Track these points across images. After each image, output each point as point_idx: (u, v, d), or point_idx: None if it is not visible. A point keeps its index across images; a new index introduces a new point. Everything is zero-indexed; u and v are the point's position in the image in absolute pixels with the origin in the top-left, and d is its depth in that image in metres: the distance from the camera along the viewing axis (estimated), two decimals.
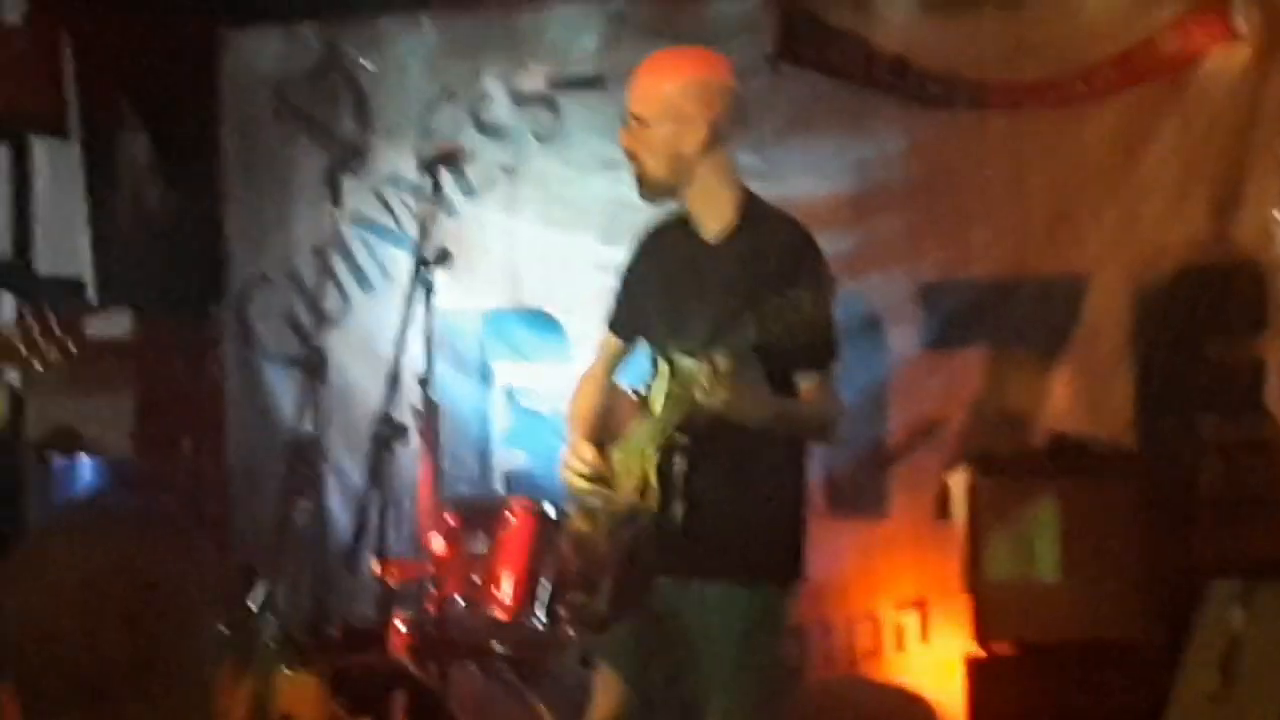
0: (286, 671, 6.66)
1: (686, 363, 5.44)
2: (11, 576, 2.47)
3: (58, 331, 5.61)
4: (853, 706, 8.07)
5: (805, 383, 5.59)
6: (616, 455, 5.70)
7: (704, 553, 5.55)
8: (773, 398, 5.50)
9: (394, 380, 6.41)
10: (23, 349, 5.58)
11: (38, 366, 5.60)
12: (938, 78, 8.18)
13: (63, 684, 2.41)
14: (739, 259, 5.59)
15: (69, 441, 8.53)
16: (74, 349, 5.61)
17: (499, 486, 8.81)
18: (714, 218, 5.71)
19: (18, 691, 2.43)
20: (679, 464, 5.52)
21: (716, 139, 5.63)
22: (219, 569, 2.59)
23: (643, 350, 5.92)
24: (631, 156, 5.71)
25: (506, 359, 9.01)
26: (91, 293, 9.19)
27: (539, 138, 8.90)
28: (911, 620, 8.12)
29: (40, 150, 9.04)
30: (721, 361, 5.29)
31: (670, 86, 5.64)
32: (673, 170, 5.65)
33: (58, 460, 8.39)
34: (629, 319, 5.97)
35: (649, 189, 5.75)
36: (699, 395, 5.39)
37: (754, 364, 5.39)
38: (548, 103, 8.87)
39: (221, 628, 2.51)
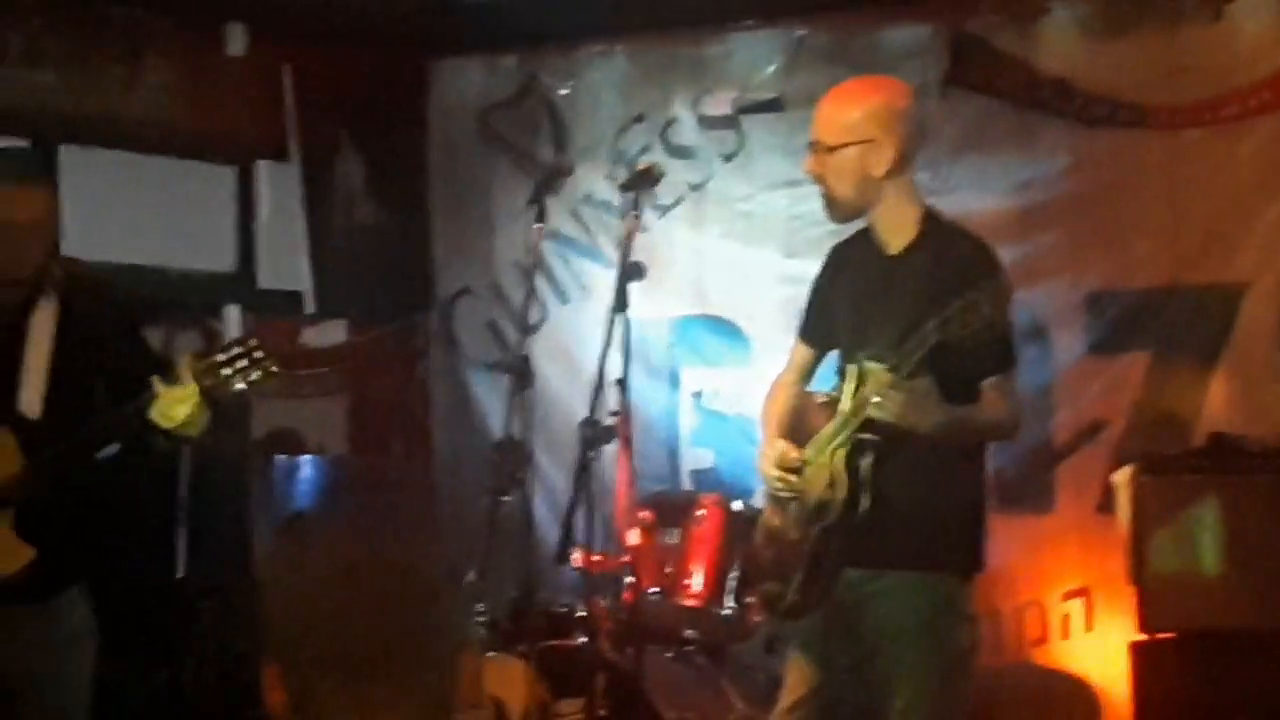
0: (494, 656, 6.74)
1: (872, 368, 5.47)
2: (274, 568, 2.54)
3: (262, 355, 5.62)
4: (1021, 691, 8.05)
5: (987, 387, 5.60)
6: (807, 453, 5.72)
7: (889, 544, 5.56)
8: (944, 408, 5.49)
9: (599, 385, 6.44)
10: (232, 373, 5.61)
11: (241, 385, 5.63)
12: (1099, 99, 8.16)
13: (320, 663, 2.47)
14: (921, 270, 5.60)
15: (290, 442, 8.65)
16: (275, 368, 5.65)
17: (687, 484, 8.84)
18: (897, 233, 5.72)
19: (280, 670, 2.49)
20: (866, 461, 5.53)
21: (901, 161, 5.64)
22: (455, 561, 2.65)
23: (832, 356, 5.94)
24: (819, 180, 5.71)
25: (693, 364, 9.05)
26: (309, 304, 9.30)
27: (724, 158, 8.93)
28: (1077, 609, 8.10)
29: (263, 173, 9.16)
30: (893, 378, 5.34)
31: (856, 113, 5.64)
32: (860, 192, 5.66)
33: (280, 459, 8.50)
34: (819, 328, 6.00)
35: (837, 211, 5.76)
36: (873, 411, 5.43)
37: (927, 376, 5.41)
38: (732, 125, 8.89)
39: (459, 614, 2.58)
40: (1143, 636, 7.33)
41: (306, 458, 8.61)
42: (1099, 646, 7.95)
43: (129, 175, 6.36)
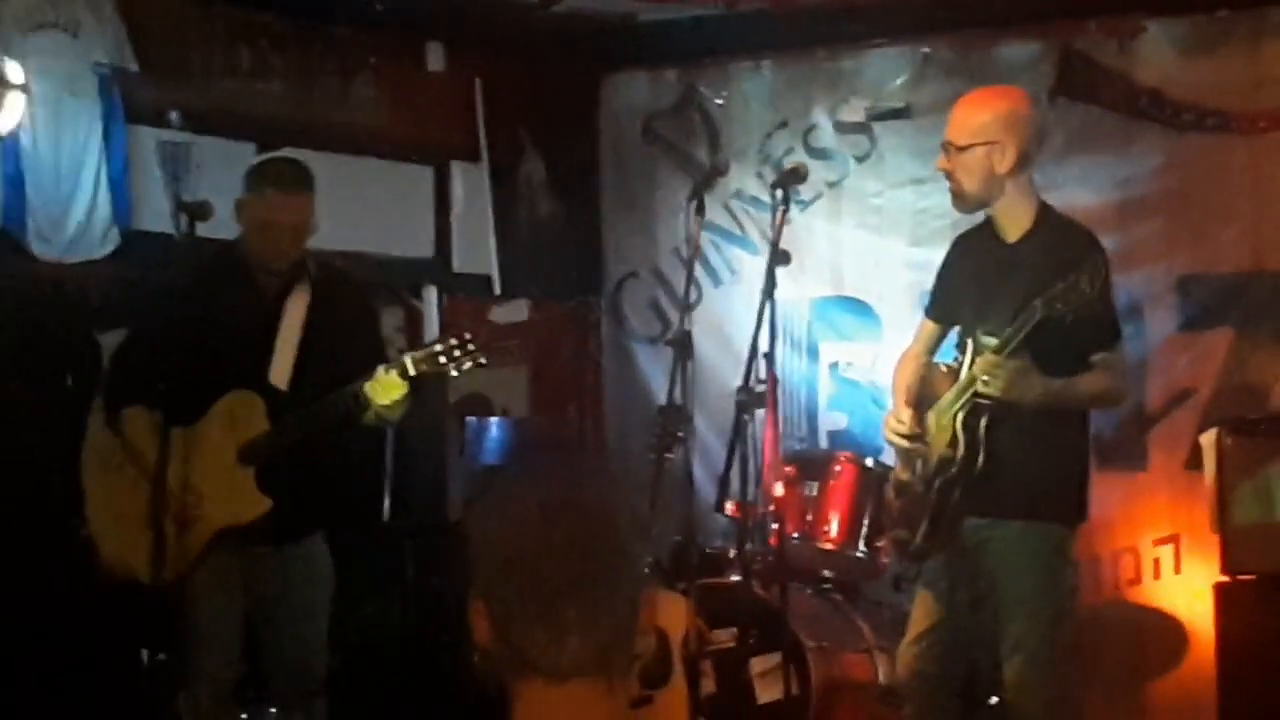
0: (658, 591, 6.76)
1: (984, 343, 5.48)
2: (481, 514, 2.56)
3: (474, 347, 5.76)
4: (1118, 626, 8.02)
5: (1097, 361, 5.60)
6: (931, 417, 5.74)
7: (1004, 496, 5.58)
8: (1044, 381, 5.51)
9: (752, 359, 6.46)
10: (447, 362, 5.75)
11: (454, 373, 5.78)
12: (1189, 107, 8.09)
13: (521, 597, 2.50)
14: (1035, 256, 5.61)
15: (480, 406, 8.70)
16: (484, 359, 5.79)
17: (825, 443, 8.83)
18: (1015, 224, 5.73)
19: (485, 603, 2.52)
20: (981, 423, 5.55)
21: (1021, 160, 5.65)
22: (641, 508, 2.67)
23: (953, 331, 5.94)
24: (949, 177, 5.75)
25: (830, 339, 9.02)
26: (496, 286, 9.34)
27: (857, 159, 8.90)
28: (1166, 554, 8.06)
29: (456, 172, 9.21)
30: (998, 357, 5.35)
31: (984, 118, 5.67)
32: (986, 187, 5.68)
33: (471, 421, 8.55)
34: (943, 307, 6.01)
35: (964, 203, 5.79)
36: (979, 386, 5.45)
37: (1027, 354, 5.40)
38: (865, 130, 8.86)
39: (645, 555, 2.60)
40: (1225, 578, 7.27)
41: (494, 419, 8.66)
42: (1186, 587, 7.90)
43: (342, 174, 6.44)
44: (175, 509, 5.83)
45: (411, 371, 5.77)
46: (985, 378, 5.46)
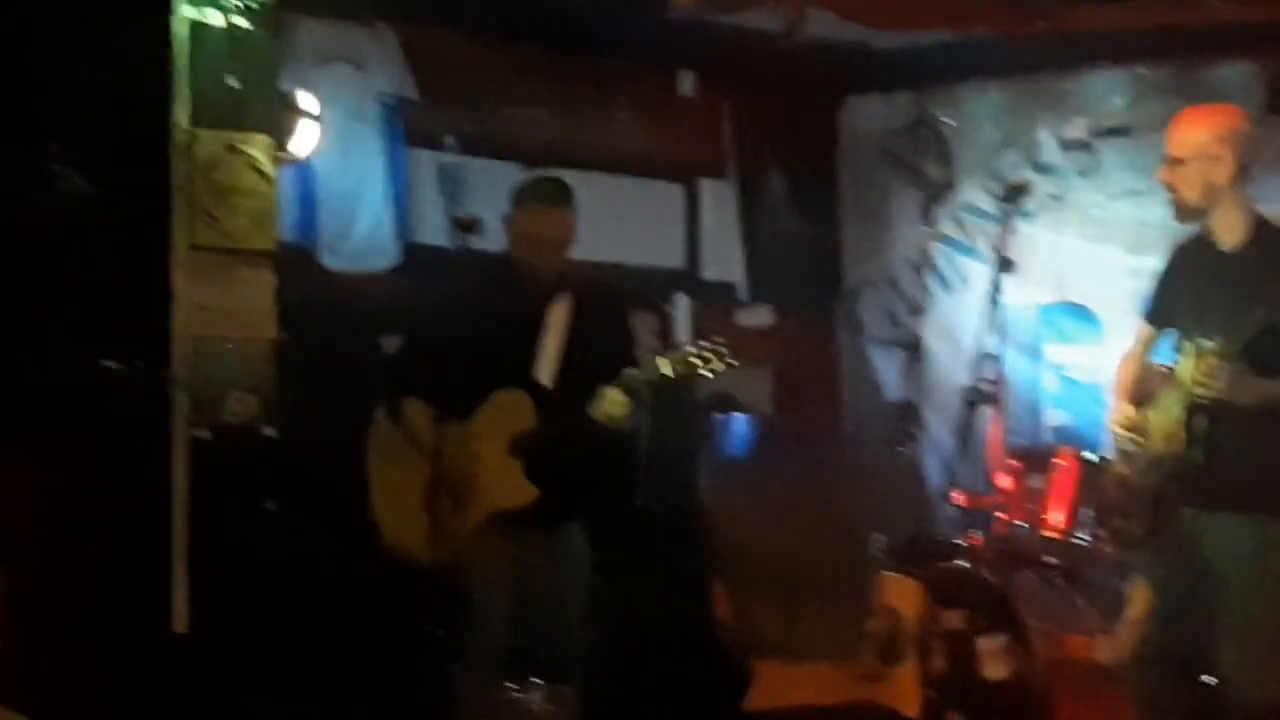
0: (893, 575, 6.72)
1: (1206, 345, 5.39)
2: (719, 504, 2.58)
3: (725, 351, 5.82)
4: None
5: None
6: (1151, 414, 5.68)
7: (1221, 490, 5.51)
8: (1260, 384, 5.41)
9: (978, 360, 6.41)
10: (700, 365, 5.82)
11: (708, 375, 5.85)
12: None
13: (760, 581, 2.50)
14: (1252, 264, 5.54)
15: (727, 404, 8.70)
16: (733, 361, 5.85)
17: (1049, 439, 8.72)
18: (1231, 233, 5.65)
19: (727, 586, 2.53)
20: (1200, 420, 5.47)
21: (1239, 173, 5.57)
22: (863, 500, 2.66)
23: (1171, 335, 5.85)
24: (1170, 189, 5.68)
25: (1054, 342, 8.93)
26: (742, 293, 9.38)
27: (1080, 174, 8.79)
28: None
29: (706, 189, 9.28)
30: (1217, 360, 5.26)
31: (1204, 133, 5.61)
32: (1205, 198, 5.62)
33: (718, 417, 8.56)
34: (1162, 312, 5.93)
35: (1183, 213, 5.72)
36: (1198, 388, 5.38)
37: (1245, 359, 5.32)
38: (1086, 147, 8.75)
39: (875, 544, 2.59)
40: None
41: (740, 415, 8.66)
42: None
43: (601, 192, 6.51)
44: (451, 495, 6.00)
45: (666, 372, 5.85)
46: (1206, 379, 5.38)
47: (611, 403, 5.88)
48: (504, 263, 6.24)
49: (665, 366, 5.88)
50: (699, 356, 5.87)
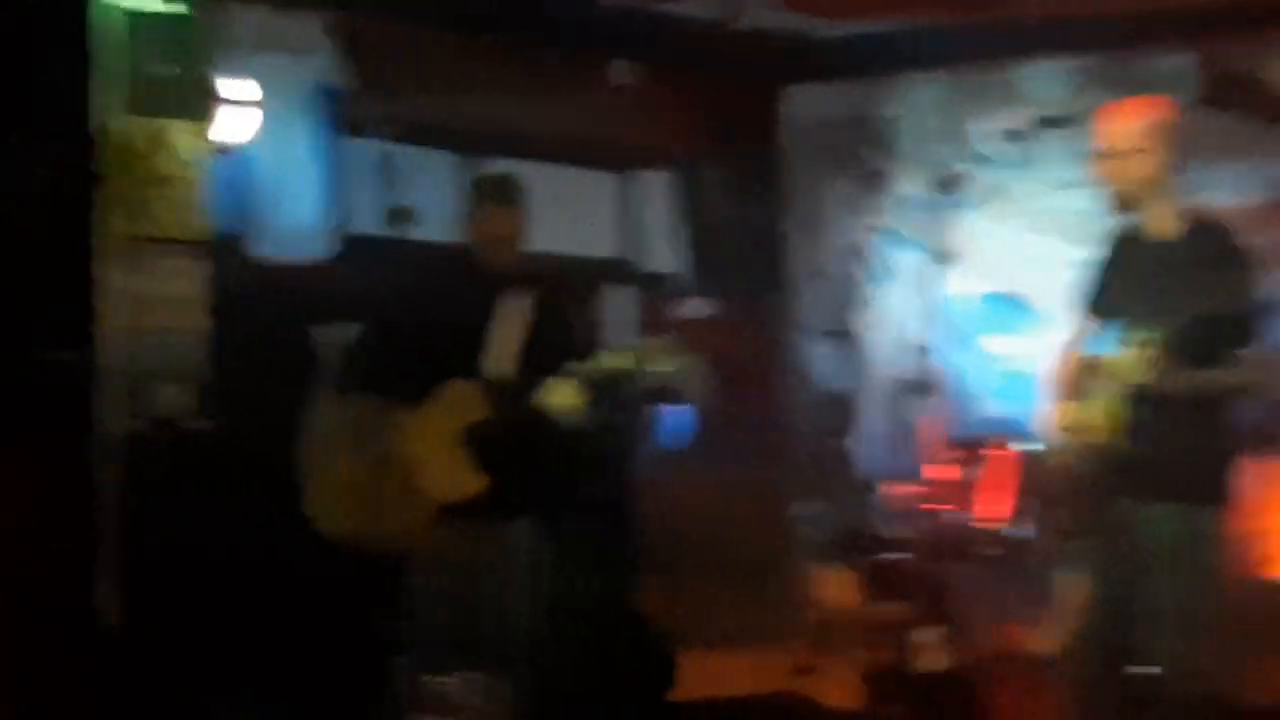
0: (829, 567, 6.73)
1: (1140, 336, 5.42)
2: (651, 495, 2.54)
3: (675, 346, 5.85)
4: (1265, 601, 7.87)
5: (1241, 355, 5.52)
6: (1086, 405, 5.69)
7: (1156, 480, 5.53)
8: (1194, 374, 5.44)
9: (913, 350, 6.41)
10: (650, 360, 5.86)
11: (658, 370, 5.88)
12: None
13: (688, 570, 2.47)
14: (1185, 255, 5.57)
15: (665, 395, 8.67)
16: (683, 357, 5.88)
17: (986, 429, 8.74)
18: (1165, 224, 5.68)
19: (656, 576, 2.50)
20: (1136, 411, 5.49)
21: (1170, 165, 5.58)
22: (794, 491, 2.64)
23: (1109, 327, 5.86)
24: (1104, 182, 5.68)
25: (993, 332, 8.95)
26: (682, 284, 9.36)
27: (1019, 165, 8.82)
28: None
29: (645, 179, 9.29)
30: (1148, 351, 5.28)
31: (1134, 126, 5.62)
32: (1137, 191, 5.64)
33: (659, 409, 8.54)
34: (1098, 304, 5.95)
35: (1118, 206, 5.75)
36: (1135, 376, 5.40)
37: (1179, 349, 5.34)
38: (1026, 138, 8.77)
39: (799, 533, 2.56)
40: None
41: (678, 407, 8.64)
42: None
43: (538, 181, 6.45)
44: (400, 485, 5.98)
45: (617, 366, 5.87)
46: (1139, 370, 5.41)
47: (563, 395, 5.88)
48: (457, 255, 6.27)
49: (616, 360, 5.91)
50: (649, 351, 5.89)
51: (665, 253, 9.35)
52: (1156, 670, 5.75)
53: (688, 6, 8.20)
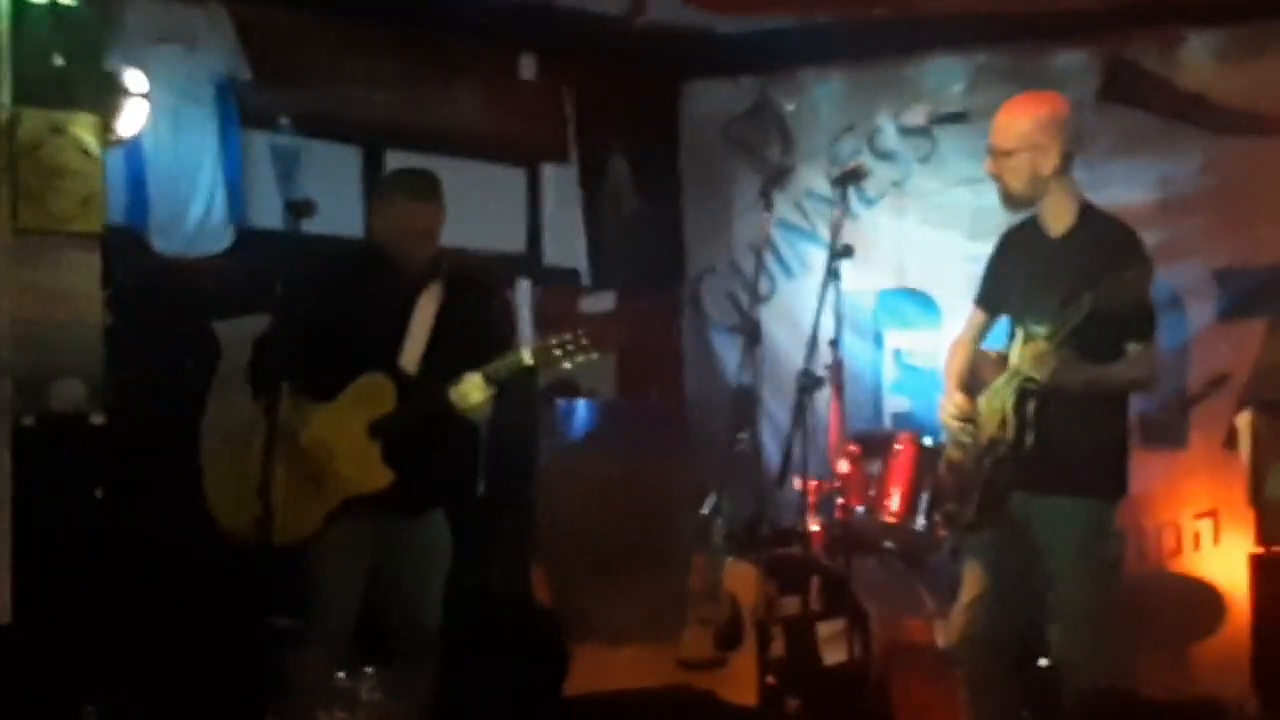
0: (731, 561, 6.74)
1: (1034, 332, 5.47)
2: (545, 488, 2.54)
3: (587, 343, 5.93)
4: (1160, 594, 7.96)
5: (1131, 349, 5.57)
6: (981, 400, 5.76)
7: (1049, 473, 5.60)
8: (1086, 369, 5.53)
9: (813, 344, 6.44)
10: (561, 356, 5.93)
11: (568, 366, 5.88)
12: (1229, 111, 8.01)
13: (580, 562, 2.48)
14: (1079, 251, 5.63)
15: (568, 389, 8.67)
16: (594, 353, 5.87)
17: (888, 424, 8.79)
18: (1059, 220, 5.74)
19: (548, 568, 2.50)
20: (1029, 405, 5.54)
21: (1064, 161, 5.64)
22: (690, 483, 2.64)
23: (1002, 321, 5.90)
24: (997, 179, 5.74)
25: (894, 327, 9.01)
26: (585, 278, 9.38)
27: (919, 160, 8.87)
28: (1206, 527, 8.00)
29: (547, 173, 9.25)
30: (1047, 344, 5.33)
31: (1027, 123, 5.69)
32: (1032, 188, 5.71)
33: (560, 402, 8.54)
34: (992, 298, 6.01)
35: (1011, 203, 5.81)
36: (1028, 370, 5.45)
37: (1074, 344, 5.40)
38: (926, 134, 8.82)
39: (692, 526, 2.57)
40: (1260, 550, 7.27)
41: (581, 400, 8.64)
42: (1224, 558, 7.85)
43: (441, 175, 6.43)
44: (309, 478, 5.96)
45: (529, 363, 5.94)
46: (1034, 364, 5.46)
47: (471, 388, 5.88)
48: (369, 249, 6.25)
49: (527, 356, 5.94)
50: (560, 347, 5.92)
51: (570, 246, 9.34)
52: (1053, 664, 5.82)
53: (593, 2, 8.19)
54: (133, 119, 6.75)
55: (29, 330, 6.33)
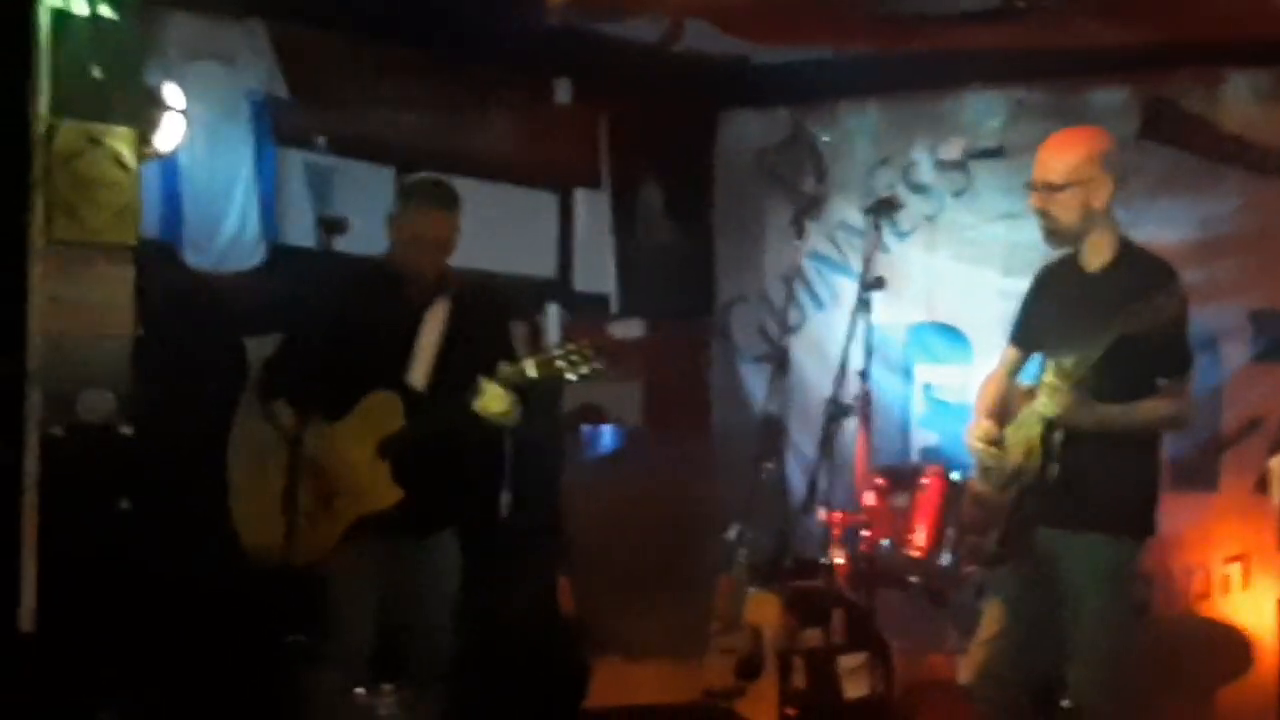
0: (754, 591, 6.77)
1: (1064, 363, 5.48)
2: (573, 504, 2.60)
3: (590, 355, 5.90)
4: (1189, 637, 7.97)
5: (1162, 386, 5.58)
6: (1009, 430, 5.75)
7: (1075, 508, 5.59)
8: (1103, 408, 5.52)
9: (841, 375, 6.48)
10: (565, 367, 5.88)
11: (573, 378, 5.89)
12: (1270, 151, 8.03)
13: (606, 578, 2.54)
14: (1114, 285, 5.63)
15: (594, 415, 8.73)
16: (599, 365, 5.90)
17: (916, 458, 8.81)
18: (1098, 255, 5.75)
19: (573, 582, 2.56)
20: (1057, 436, 5.54)
21: (1110, 197, 5.66)
22: (713, 505, 2.70)
23: (1038, 358, 5.92)
24: (1043, 214, 5.73)
25: (924, 362, 9.04)
26: (614, 305, 9.43)
27: (954, 194, 8.91)
28: (1235, 571, 8.01)
29: (580, 198, 9.31)
30: (1054, 382, 5.35)
31: (1078, 157, 5.68)
32: (1082, 223, 5.70)
33: (585, 428, 8.58)
34: (1026, 335, 6.02)
35: (1058, 238, 5.80)
36: (1038, 406, 5.47)
37: (1088, 382, 5.44)
38: (962, 168, 8.85)
39: (715, 547, 2.63)
40: None
41: (607, 426, 8.69)
42: (1253, 602, 7.87)
43: (474, 198, 6.48)
44: (319, 497, 6.00)
45: (532, 374, 5.89)
46: (1047, 399, 5.49)
47: (492, 397, 5.91)
48: (381, 265, 6.27)
49: (530, 368, 5.94)
50: (564, 359, 5.93)
51: (600, 272, 9.39)
52: (1073, 705, 5.80)
53: (630, 29, 8.25)
54: (169, 133, 6.81)
55: (59, 341, 6.38)
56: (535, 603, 7.24)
